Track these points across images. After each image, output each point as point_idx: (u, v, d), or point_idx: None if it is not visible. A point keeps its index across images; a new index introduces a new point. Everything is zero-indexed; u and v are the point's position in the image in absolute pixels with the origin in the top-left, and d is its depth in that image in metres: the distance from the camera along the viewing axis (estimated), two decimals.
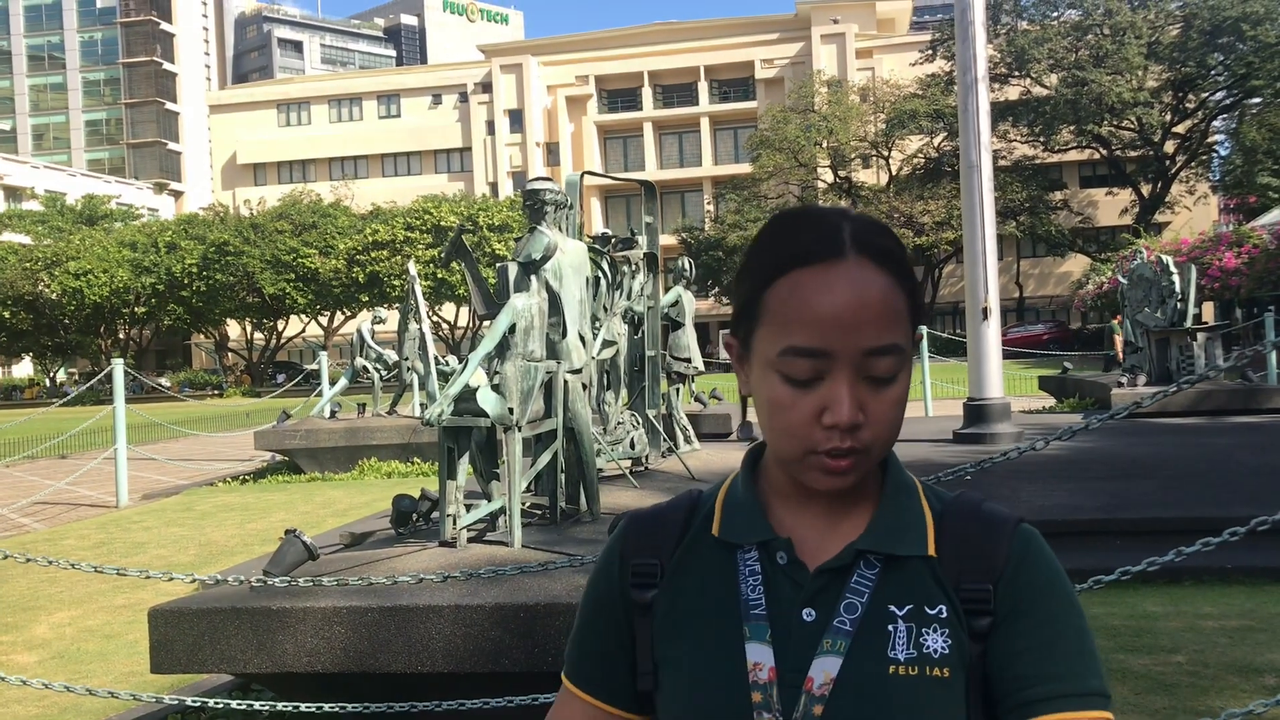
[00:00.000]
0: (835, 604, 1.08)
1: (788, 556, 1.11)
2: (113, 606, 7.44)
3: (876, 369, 1.05)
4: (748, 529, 1.14)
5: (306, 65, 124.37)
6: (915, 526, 1.12)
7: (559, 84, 67.64)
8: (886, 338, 1.04)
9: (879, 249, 1.06)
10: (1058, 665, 1.06)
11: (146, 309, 53.78)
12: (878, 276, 1.05)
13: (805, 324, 1.03)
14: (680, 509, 1.22)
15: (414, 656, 3.73)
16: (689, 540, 1.18)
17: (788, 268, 1.06)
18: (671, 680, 1.13)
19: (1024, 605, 1.08)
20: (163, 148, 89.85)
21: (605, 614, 1.21)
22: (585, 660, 1.23)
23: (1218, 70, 47.30)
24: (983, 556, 1.10)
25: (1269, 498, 7.23)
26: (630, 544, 1.21)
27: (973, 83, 11.25)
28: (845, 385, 1.04)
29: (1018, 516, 1.14)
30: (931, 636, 1.06)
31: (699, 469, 7.14)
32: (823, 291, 1.03)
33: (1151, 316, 15.36)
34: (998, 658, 1.07)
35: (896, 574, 1.10)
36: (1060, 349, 37.35)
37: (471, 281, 5.15)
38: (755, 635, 1.08)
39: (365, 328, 15.79)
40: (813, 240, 1.06)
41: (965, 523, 1.12)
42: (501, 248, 47.64)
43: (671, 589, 1.16)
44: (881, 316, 1.04)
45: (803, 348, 1.03)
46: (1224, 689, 4.58)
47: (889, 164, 54.81)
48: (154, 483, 15.35)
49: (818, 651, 1.06)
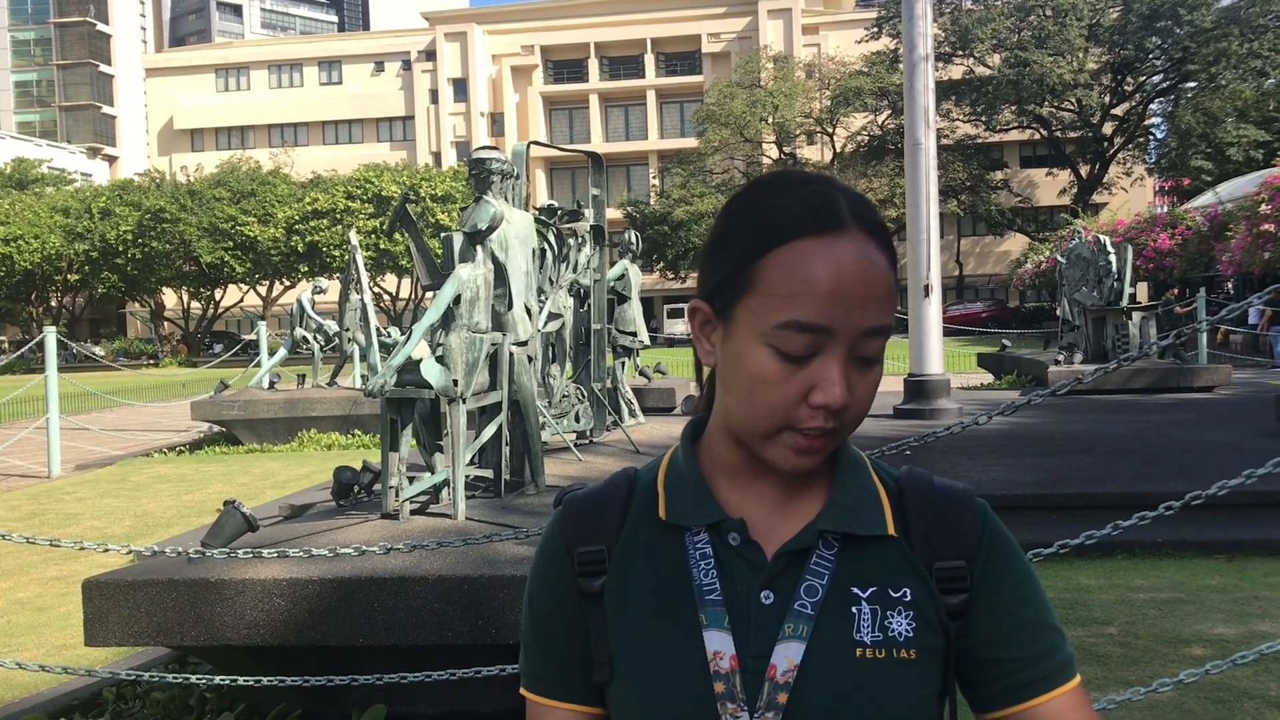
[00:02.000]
0: (794, 586, 1.05)
1: (740, 537, 1.07)
2: (45, 579, 7.30)
3: (868, 349, 1.01)
4: (696, 510, 1.09)
5: (246, 29, 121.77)
6: (872, 505, 1.09)
7: (504, 53, 66.97)
8: (884, 318, 1.01)
9: (875, 224, 1.03)
10: (1041, 643, 1.08)
11: (79, 276, 52.57)
12: (878, 253, 1.01)
13: (809, 297, 0.98)
14: (619, 490, 1.16)
15: (355, 629, 3.70)
16: (631, 523, 1.13)
17: (788, 236, 1.01)
18: (626, 673, 1.08)
19: (1002, 585, 1.09)
20: (96, 111, 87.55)
21: (558, 610, 1.14)
22: (550, 666, 1.14)
23: (1155, 54, 48.07)
24: (953, 534, 1.09)
25: (1200, 473, 7.40)
26: (572, 531, 1.15)
27: (918, 61, 11.30)
28: (838, 364, 1.00)
29: (971, 490, 1.13)
30: (897, 619, 1.04)
31: (643, 442, 7.15)
32: (829, 265, 0.99)
33: (1089, 296, 15.60)
34: (979, 636, 1.07)
35: (858, 554, 1.07)
36: (999, 327, 37.93)
37: (416, 251, 5.09)
38: (713, 622, 1.04)
39: (305, 298, 15.57)
40: (812, 210, 1.01)
41: (926, 500, 1.10)
42: (445, 218, 47.22)
43: (620, 576, 1.11)
44: (883, 295, 1.01)
45: (806, 323, 0.98)
46: (1153, 659, 4.69)
47: (834, 141, 55.13)
48: (88, 453, 15.05)
49: (780, 636, 1.03)
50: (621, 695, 1.08)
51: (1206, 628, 5.14)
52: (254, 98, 71.71)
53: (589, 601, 1.12)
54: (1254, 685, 4.31)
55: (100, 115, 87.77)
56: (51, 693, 4.85)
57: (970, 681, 1.09)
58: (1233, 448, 8.55)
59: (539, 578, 1.17)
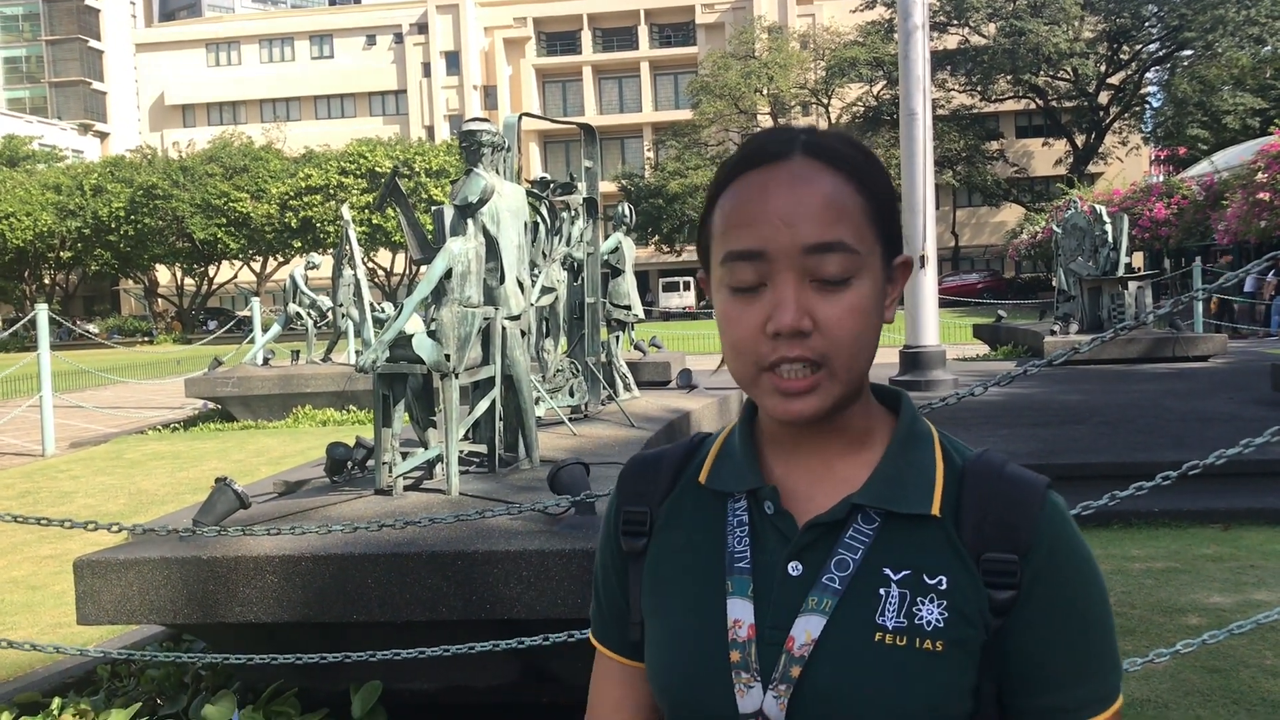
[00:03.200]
0: (825, 560, 1.00)
1: (774, 506, 1.05)
2: (38, 557, 7.29)
3: (823, 270, 0.96)
4: (736, 477, 1.08)
5: (236, 4, 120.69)
6: (921, 481, 1.02)
7: (496, 26, 66.56)
8: (829, 234, 0.96)
9: (830, 150, 1.00)
10: (1089, 664, 1.00)
11: (72, 253, 52.43)
12: (823, 174, 0.98)
13: (742, 225, 0.98)
14: (677, 453, 1.17)
15: (349, 605, 3.68)
16: (681, 487, 1.13)
17: (732, 178, 1.01)
18: (654, 635, 1.08)
19: (1055, 592, 0.99)
20: (87, 87, 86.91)
21: (609, 566, 1.18)
22: (603, 619, 1.20)
23: (1151, 21, 47.88)
24: (1008, 525, 0.99)
25: (1195, 442, 7.40)
26: (624, 491, 1.17)
27: (914, 30, 11.22)
28: (788, 288, 0.96)
29: (1046, 481, 1.04)
30: (926, 607, 0.98)
31: (638, 416, 7.12)
32: (757, 190, 0.98)
33: (1084, 265, 15.58)
34: (1020, 641, 0.99)
35: (897, 533, 1.01)
36: (994, 298, 37.90)
37: (407, 226, 5.04)
38: (738, 590, 1.02)
39: (299, 273, 15.51)
40: (755, 148, 1.01)
41: (988, 485, 1.02)
42: (438, 193, 47.06)
43: (662, 538, 1.12)
44: (822, 211, 0.96)
45: (738, 250, 0.98)
46: (1150, 629, 4.69)
47: (829, 112, 54.93)
48: (82, 431, 15.02)
49: (801, 609, 0.99)
50: (649, 656, 1.10)
51: (1203, 597, 5.15)
52: (245, 72, 71.30)
53: (631, 560, 1.14)
54: (1250, 654, 4.31)
55: (91, 91, 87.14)
56: (45, 671, 4.84)
57: (1005, 687, 1.01)
58: (1228, 417, 8.55)
59: (603, 532, 1.21)
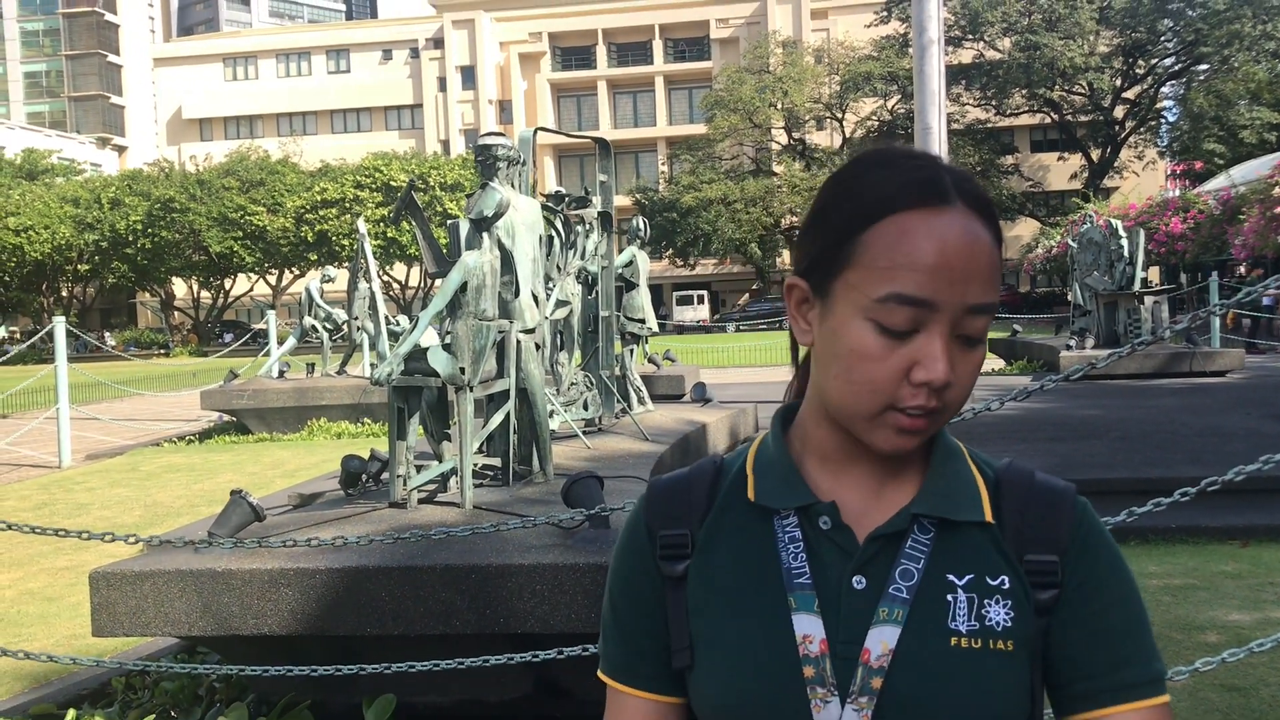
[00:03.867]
0: (888, 571, 1.02)
1: (832, 521, 1.05)
2: (54, 568, 7.31)
3: (972, 328, 0.98)
4: (786, 493, 1.07)
5: (254, 18, 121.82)
6: (969, 492, 1.07)
7: (512, 40, 66.86)
8: (989, 295, 0.98)
9: (981, 199, 1.01)
10: (1126, 651, 1.04)
11: (89, 266, 52.77)
12: (983, 229, 0.99)
13: (913, 270, 0.96)
14: (705, 474, 1.15)
15: (363, 618, 3.68)
16: (719, 507, 1.12)
17: (892, 209, 0.98)
18: (710, 658, 1.06)
19: (1092, 585, 1.05)
20: (105, 101, 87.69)
21: (639, 595, 1.13)
22: (629, 653, 1.13)
23: (1167, 36, 47.80)
24: (1047, 528, 1.05)
25: (1212, 458, 7.35)
26: (656, 515, 1.14)
27: (928, 44, 11.21)
28: (941, 340, 0.97)
29: (1073, 487, 1.10)
30: (994, 608, 1.01)
31: (652, 429, 7.12)
32: (934, 238, 0.96)
33: (1100, 280, 15.52)
34: (1063, 636, 1.04)
35: (953, 541, 1.04)
36: (1009, 312, 37.78)
37: (422, 239, 5.05)
38: (802, 605, 1.02)
39: (314, 286, 15.56)
40: (917, 183, 0.99)
41: (1023, 492, 1.08)
42: (453, 207, 47.22)
43: (705, 560, 1.09)
44: (987, 271, 0.98)
45: (908, 296, 0.96)
46: (1168, 646, 4.65)
47: (843, 126, 54.96)
48: (98, 443, 15.08)
49: (873, 621, 1.00)
50: (706, 681, 1.06)
51: (1221, 614, 5.10)
52: (262, 87, 71.76)
53: (670, 585, 1.10)
54: (1270, 673, 4.27)
55: (109, 105, 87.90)
56: (60, 683, 4.85)
57: (1051, 682, 1.06)
58: (1246, 432, 8.49)
59: (621, 561, 1.15)
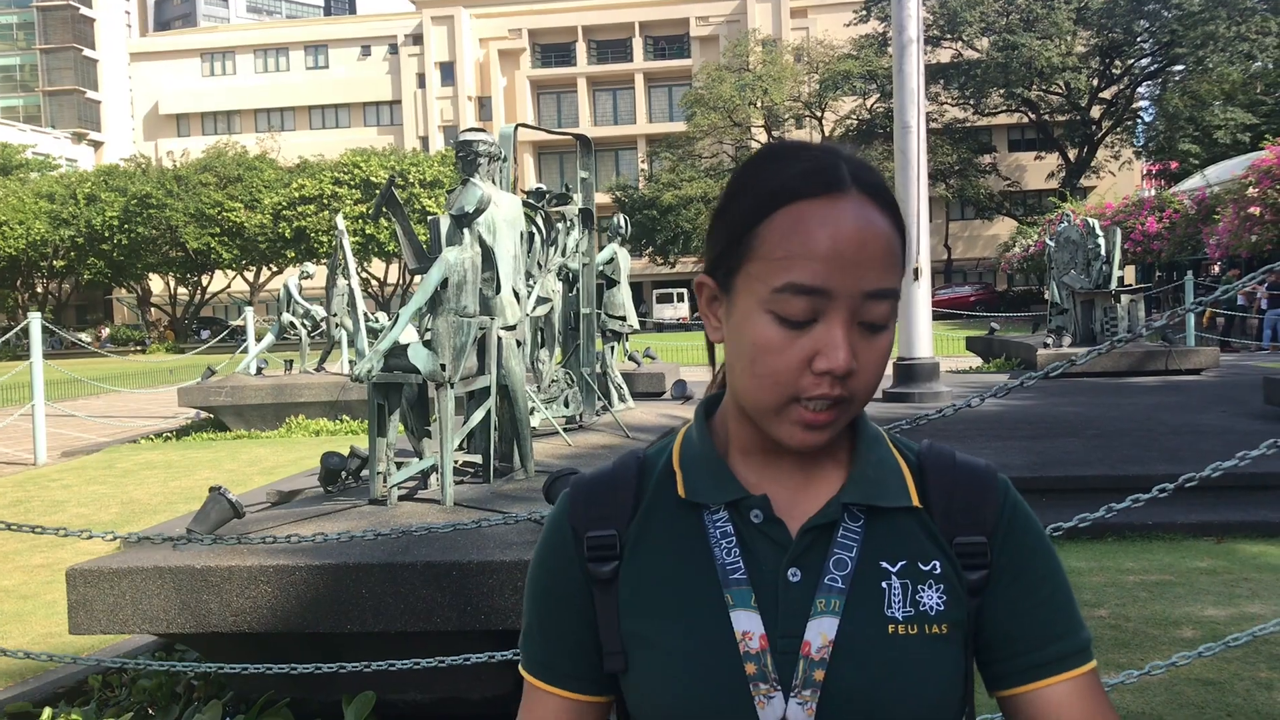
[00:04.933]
0: (822, 562, 1.02)
1: (764, 514, 1.05)
2: (30, 566, 7.25)
3: (872, 314, 0.98)
4: (716, 488, 1.07)
5: (231, 13, 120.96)
6: (895, 478, 1.07)
7: (491, 37, 66.68)
8: (887, 281, 0.98)
9: (878, 187, 1.01)
10: (1058, 625, 1.07)
11: (65, 262, 52.32)
12: (879, 215, 0.99)
13: (807, 259, 0.96)
14: (629, 472, 1.13)
15: (343, 616, 3.67)
16: (647, 505, 1.10)
17: (786, 200, 0.98)
18: (646, 659, 1.05)
19: (1020, 563, 1.08)
20: (81, 96, 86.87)
21: (563, 595, 1.11)
22: (550, 651, 1.12)
23: (1143, 37, 48.12)
24: (974, 510, 1.07)
25: (1189, 455, 7.41)
26: (580, 516, 1.11)
27: (907, 43, 11.26)
28: (841, 328, 0.97)
29: (995, 466, 1.12)
30: (927, 593, 1.03)
31: (633, 426, 7.12)
32: (828, 225, 0.96)
33: (1077, 279, 15.62)
34: (994, 614, 1.07)
35: (883, 528, 1.05)
36: (987, 310, 38.00)
37: (402, 235, 5.04)
38: (739, 602, 1.01)
39: (292, 283, 15.49)
40: (811, 172, 0.99)
41: (948, 474, 1.09)
42: (432, 204, 47.07)
43: (635, 560, 1.08)
44: (884, 257, 0.98)
45: (803, 285, 0.96)
46: (1145, 642, 4.69)
47: (822, 125, 55.07)
48: (74, 440, 14.97)
49: (812, 613, 1.00)
50: (644, 682, 1.05)
51: (1197, 609, 5.15)
52: (240, 82, 71.31)
53: (599, 587, 1.09)
54: (1245, 668, 4.31)
55: (85, 100, 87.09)
56: (37, 681, 4.81)
57: (984, 659, 1.09)
58: (1221, 430, 8.57)
59: (543, 563, 1.14)
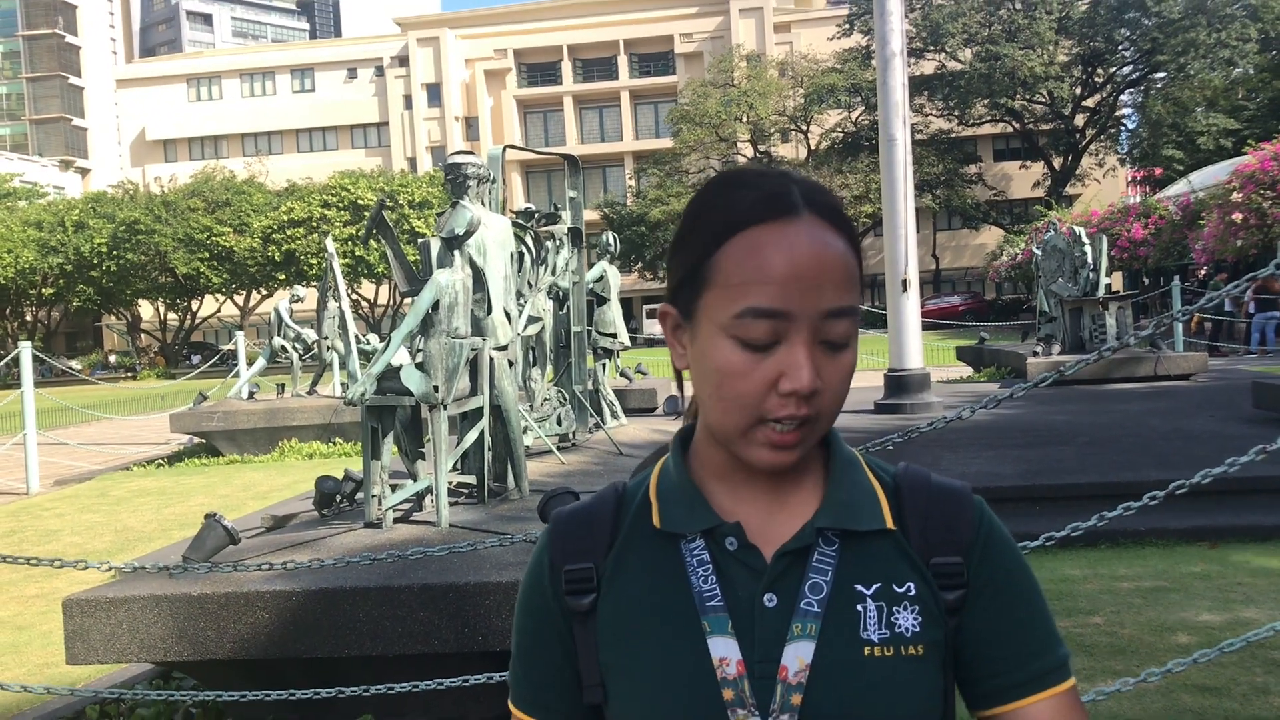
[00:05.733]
0: (798, 586, 1.03)
1: (738, 541, 1.06)
2: (25, 596, 7.23)
3: (833, 333, 1.00)
4: (690, 517, 1.08)
5: (216, 38, 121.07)
6: (869, 501, 1.08)
7: (477, 57, 66.86)
8: (845, 299, 1.00)
9: (830, 207, 1.03)
10: (1035, 642, 1.08)
11: (54, 290, 52.15)
12: (834, 236, 1.01)
13: (764, 283, 0.98)
14: (607, 504, 1.14)
15: (340, 640, 3.67)
16: (624, 537, 1.11)
17: (741, 226, 1.01)
18: (626, 689, 1.06)
19: (997, 582, 1.09)
20: (68, 123, 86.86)
21: (545, 629, 1.12)
22: (533, 684, 1.14)
23: (1124, 45, 48.46)
24: (949, 530, 1.08)
25: (1180, 461, 7.44)
26: (559, 549, 1.13)
27: (891, 56, 11.32)
28: (803, 349, 0.99)
29: (969, 487, 1.13)
30: (902, 615, 1.03)
31: (625, 443, 7.13)
32: (783, 249, 0.98)
33: (1065, 287, 15.68)
34: (973, 634, 1.08)
35: (858, 551, 1.06)
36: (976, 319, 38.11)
37: (393, 257, 5.06)
38: (716, 629, 1.02)
39: (283, 306, 15.48)
40: (764, 198, 1.01)
41: (923, 495, 1.10)
42: (421, 225, 47.04)
43: (613, 592, 1.09)
44: (840, 277, 1.00)
45: (762, 308, 0.98)
46: (1140, 649, 4.71)
47: (808, 138, 55.28)
48: (66, 468, 14.92)
49: (789, 637, 1.01)
50: (623, 712, 1.06)
51: (1192, 615, 5.17)
52: (226, 107, 71.33)
53: (578, 620, 1.10)
54: (1241, 673, 4.33)
55: (71, 128, 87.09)
56: (34, 712, 4.80)
57: (964, 679, 1.09)
58: (1212, 435, 8.60)
59: (526, 596, 1.15)
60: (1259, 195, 21.22)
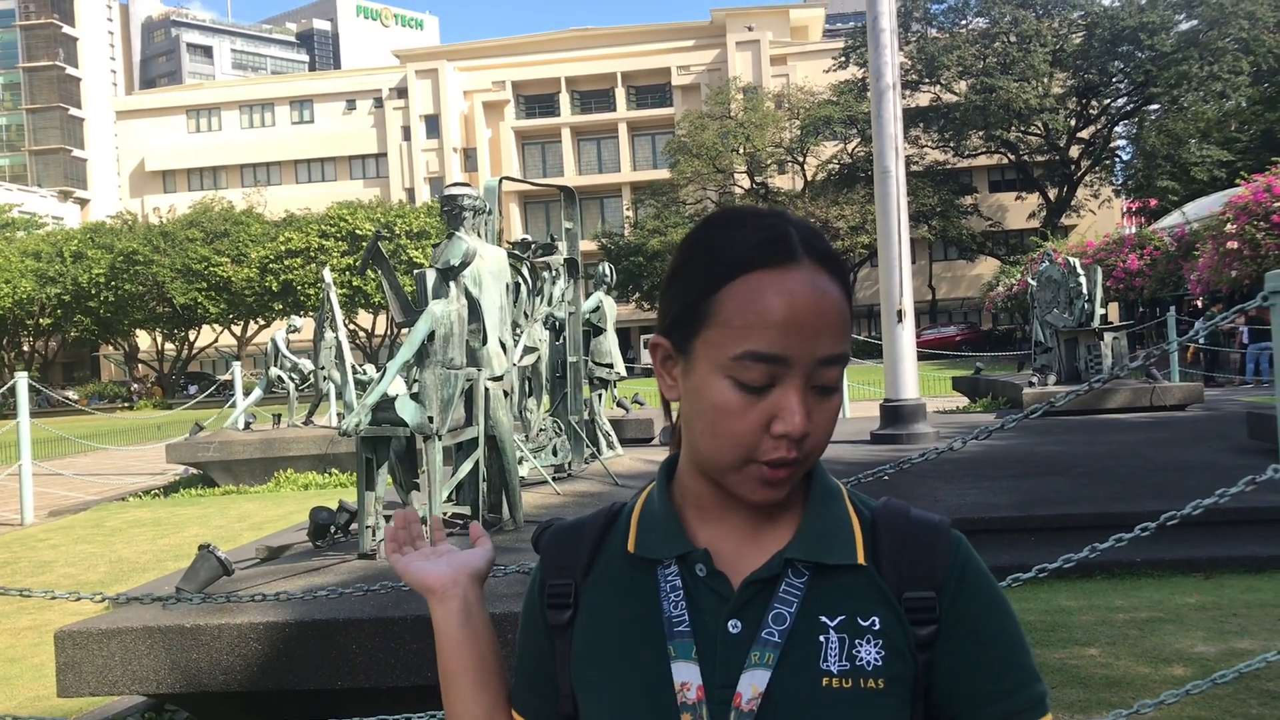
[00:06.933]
0: (762, 615, 1.05)
1: (706, 568, 1.09)
2: (17, 628, 7.19)
3: (825, 378, 1.03)
4: (664, 543, 1.11)
5: (217, 70, 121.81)
6: (843, 534, 1.10)
7: (475, 89, 67.27)
8: (839, 347, 1.03)
9: (828, 255, 1.06)
10: (1010, 679, 1.08)
11: (52, 320, 52.24)
12: (830, 283, 1.04)
13: (765, 328, 1.01)
14: (597, 523, 1.19)
15: (334, 672, 3.66)
16: (606, 558, 1.16)
17: (742, 269, 1.03)
18: (593, 705, 1.10)
19: (971, 618, 1.09)
20: (67, 154, 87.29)
21: (533, 636, 1.20)
22: (523, 686, 1.21)
23: (1119, 77, 48.82)
24: (923, 565, 1.09)
25: (1175, 492, 7.43)
26: (546, 563, 1.20)
27: (885, 89, 11.42)
28: (797, 394, 1.02)
29: (948, 521, 1.14)
30: (865, 648, 1.04)
31: (622, 474, 7.13)
32: (784, 295, 1.01)
33: (1060, 317, 15.72)
34: (946, 669, 1.08)
35: (827, 583, 1.07)
36: (972, 350, 38.14)
37: (389, 289, 5.08)
38: (681, 654, 1.05)
39: (280, 337, 15.49)
40: (764, 242, 1.04)
41: (900, 530, 1.11)
42: (419, 255, 47.18)
43: (589, 610, 1.14)
44: (836, 325, 1.03)
45: (761, 353, 1.01)
46: (1135, 680, 4.70)
47: (804, 170, 55.54)
48: (61, 499, 14.88)
49: (745, 665, 1.03)
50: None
51: (1186, 646, 5.16)
52: (226, 138, 71.66)
53: (557, 633, 1.16)
54: (1235, 704, 4.32)
55: (71, 159, 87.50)
56: None
57: (937, 714, 1.10)
58: (1207, 465, 8.61)
59: (524, 606, 1.23)
60: (1252, 226, 21.31)
